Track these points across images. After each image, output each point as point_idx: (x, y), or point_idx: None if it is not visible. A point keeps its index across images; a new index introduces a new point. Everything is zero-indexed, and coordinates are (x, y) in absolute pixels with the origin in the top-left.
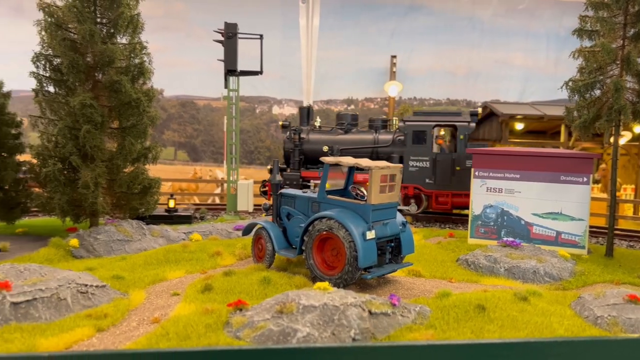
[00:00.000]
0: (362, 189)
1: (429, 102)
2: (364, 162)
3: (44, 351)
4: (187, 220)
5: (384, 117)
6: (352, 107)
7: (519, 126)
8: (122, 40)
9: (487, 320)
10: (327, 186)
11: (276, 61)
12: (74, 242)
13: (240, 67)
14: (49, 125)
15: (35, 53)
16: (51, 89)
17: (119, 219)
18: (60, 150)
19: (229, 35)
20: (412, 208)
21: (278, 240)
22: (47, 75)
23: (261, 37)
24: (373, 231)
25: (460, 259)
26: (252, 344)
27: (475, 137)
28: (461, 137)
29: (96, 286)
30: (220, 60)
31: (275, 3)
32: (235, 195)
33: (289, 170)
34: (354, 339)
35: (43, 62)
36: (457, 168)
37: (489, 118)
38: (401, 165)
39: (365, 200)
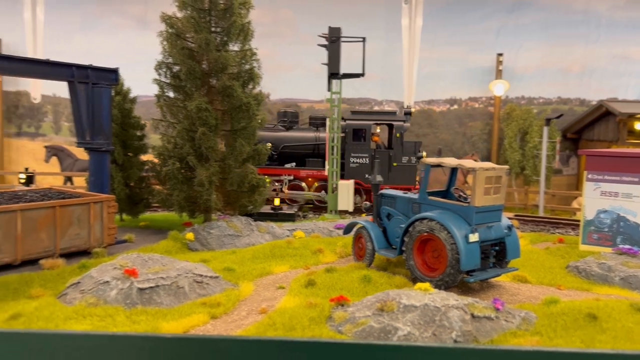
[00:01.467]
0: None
1: (538, 100)
2: (468, 163)
3: (166, 333)
4: (291, 218)
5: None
6: (455, 106)
7: (639, 126)
8: (234, 47)
9: (598, 330)
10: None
11: (378, 63)
12: (189, 235)
13: (343, 69)
14: (168, 128)
15: (158, 61)
16: (171, 94)
17: (229, 215)
18: (179, 151)
19: (333, 40)
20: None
21: (378, 240)
22: (168, 81)
23: (364, 40)
24: (476, 234)
25: (570, 265)
26: (353, 339)
27: (589, 137)
28: (397, 135)
29: (210, 277)
30: (324, 64)
31: (378, 5)
32: (336, 195)
33: None
34: (455, 341)
35: (164, 70)
36: (395, 164)
37: (604, 117)
38: (507, 167)
39: (469, 202)
